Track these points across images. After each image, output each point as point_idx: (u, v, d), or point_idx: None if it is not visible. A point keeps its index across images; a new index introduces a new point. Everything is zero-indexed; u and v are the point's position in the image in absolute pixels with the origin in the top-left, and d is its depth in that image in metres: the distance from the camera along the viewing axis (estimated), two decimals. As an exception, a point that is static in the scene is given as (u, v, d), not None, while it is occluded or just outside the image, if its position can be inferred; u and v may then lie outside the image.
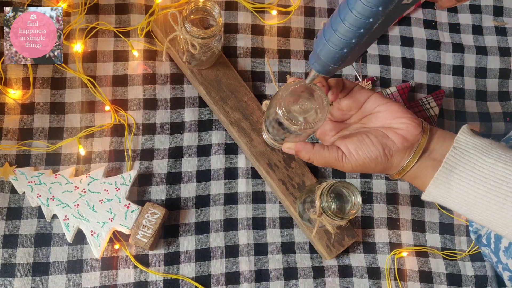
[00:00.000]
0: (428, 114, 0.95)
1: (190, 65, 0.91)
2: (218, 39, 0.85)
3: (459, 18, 1.06)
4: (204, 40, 0.81)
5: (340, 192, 0.77)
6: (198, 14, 0.84)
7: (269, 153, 0.89)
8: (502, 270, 0.82)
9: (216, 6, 0.82)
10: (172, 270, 0.85)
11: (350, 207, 0.75)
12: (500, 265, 0.82)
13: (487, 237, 0.83)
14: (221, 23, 0.82)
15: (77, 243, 0.84)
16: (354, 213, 0.74)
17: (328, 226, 0.76)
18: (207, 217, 0.88)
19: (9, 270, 0.81)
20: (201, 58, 0.88)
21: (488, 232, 0.83)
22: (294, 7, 1.01)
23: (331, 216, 0.74)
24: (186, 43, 0.83)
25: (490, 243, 0.82)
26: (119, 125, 0.91)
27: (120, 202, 0.84)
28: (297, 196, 0.87)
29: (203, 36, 0.81)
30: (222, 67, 0.93)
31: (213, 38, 0.82)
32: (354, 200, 0.75)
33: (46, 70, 0.92)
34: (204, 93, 0.91)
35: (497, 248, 0.81)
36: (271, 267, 0.86)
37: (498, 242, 0.80)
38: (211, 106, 0.92)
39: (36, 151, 0.88)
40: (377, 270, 0.88)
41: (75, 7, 0.95)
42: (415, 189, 0.94)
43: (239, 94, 0.92)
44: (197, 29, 0.80)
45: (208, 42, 0.83)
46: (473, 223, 0.87)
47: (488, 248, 0.84)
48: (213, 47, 0.85)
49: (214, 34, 0.81)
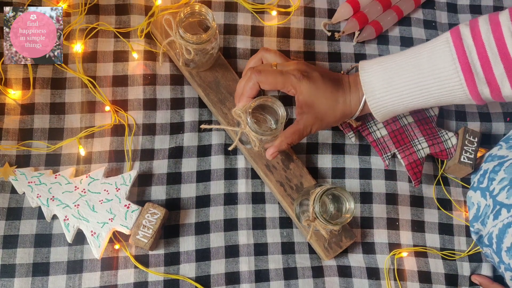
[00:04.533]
0: (428, 114, 0.95)
1: (188, 68, 0.91)
2: (215, 43, 0.85)
3: (459, 18, 1.06)
4: (198, 46, 0.82)
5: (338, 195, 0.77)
6: (195, 17, 0.84)
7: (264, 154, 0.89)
8: (504, 270, 0.82)
9: (210, 11, 0.82)
10: (172, 270, 0.85)
11: (344, 211, 0.76)
12: (503, 265, 0.82)
13: (488, 237, 0.83)
14: (215, 28, 0.82)
15: (77, 244, 0.84)
16: (347, 217, 0.75)
17: (322, 231, 0.77)
18: (207, 217, 0.88)
19: (9, 270, 0.82)
20: (199, 60, 0.88)
21: (489, 232, 0.83)
22: (294, 7, 1.01)
23: (323, 222, 0.74)
24: (181, 48, 0.83)
25: (492, 243, 0.82)
26: (119, 125, 0.91)
27: (120, 203, 0.84)
28: (295, 198, 0.88)
29: (197, 41, 0.81)
30: (221, 69, 0.93)
31: (208, 43, 0.82)
32: (347, 205, 0.75)
33: (46, 70, 0.92)
34: (203, 95, 0.91)
35: (499, 249, 0.81)
36: (271, 267, 0.87)
37: (500, 242, 0.80)
38: (210, 108, 0.93)
39: (36, 152, 0.88)
40: (376, 270, 0.88)
41: (75, 7, 0.96)
42: (415, 189, 0.94)
43: None
44: (190, 35, 0.81)
45: (203, 47, 0.83)
46: (474, 224, 0.87)
47: (490, 249, 0.84)
48: (210, 50, 0.85)
49: (208, 39, 0.81)
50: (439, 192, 0.95)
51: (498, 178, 0.83)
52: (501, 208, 0.80)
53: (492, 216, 0.81)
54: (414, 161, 0.91)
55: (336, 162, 0.94)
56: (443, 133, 0.94)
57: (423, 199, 0.94)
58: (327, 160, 0.94)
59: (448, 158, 0.93)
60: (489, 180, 0.85)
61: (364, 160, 0.95)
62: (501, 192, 0.81)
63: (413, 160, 0.91)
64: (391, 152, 0.92)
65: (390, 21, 1.01)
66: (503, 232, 0.79)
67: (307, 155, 0.94)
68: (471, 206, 0.88)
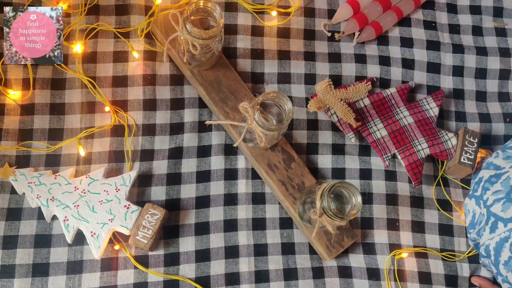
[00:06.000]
0: (428, 115, 0.95)
1: (190, 66, 0.91)
2: (219, 40, 0.85)
3: (459, 19, 1.06)
4: (205, 41, 0.81)
5: (340, 193, 0.77)
6: (198, 15, 0.84)
7: (268, 154, 0.89)
8: (501, 282, 0.84)
9: (217, 7, 0.82)
10: (172, 271, 0.85)
11: (350, 208, 0.75)
12: (500, 277, 0.83)
13: (485, 249, 0.84)
14: (222, 24, 0.82)
15: (77, 244, 0.84)
16: (354, 213, 0.75)
17: (329, 227, 0.77)
18: (207, 218, 0.88)
19: (9, 271, 0.81)
20: (201, 59, 0.88)
21: (486, 244, 0.83)
22: (294, 8, 1.01)
23: (331, 217, 0.74)
24: (187, 44, 0.83)
25: (489, 255, 0.83)
26: (119, 125, 0.91)
27: (120, 203, 0.84)
28: (297, 197, 0.87)
29: (204, 36, 0.81)
30: (222, 68, 0.93)
31: (214, 38, 0.82)
32: (354, 200, 0.75)
33: (46, 71, 0.92)
34: (204, 93, 0.91)
35: (497, 261, 0.82)
36: (271, 268, 0.86)
37: (497, 255, 0.81)
38: (211, 107, 0.92)
39: (36, 152, 0.88)
40: (376, 271, 0.88)
41: (75, 8, 0.95)
42: (415, 190, 0.94)
43: (239, 95, 0.92)
44: (198, 29, 0.80)
45: (209, 43, 0.82)
46: (471, 231, 0.88)
47: (488, 259, 0.85)
48: (213, 48, 0.85)
49: (215, 35, 0.81)
50: (439, 193, 0.95)
51: (493, 189, 0.83)
52: (497, 222, 0.81)
53: (488, 229, 0.82)
54: (414, 161, 0.91)
55: (337, 163, 0.94)
56: (443, 134, 0.94)
57: (423, 199, 0.94)
58: (328, 160, 0.94)
59: (448, 158, 0.93)
60: (483, 189, 0.85)
61: (364, 161, 0.95)
62: (495, 203, 0.82)
63: (413, 160, 0.91)
64: (391, 152, 0.92)
65: (390, 21, 1.01)
66: (500, 246, 0.80)
67: (307, 156, 0.94)
68: (467, 213, 0.89)
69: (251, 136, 0.83)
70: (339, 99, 0.93)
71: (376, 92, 0.97)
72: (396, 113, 0.95)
